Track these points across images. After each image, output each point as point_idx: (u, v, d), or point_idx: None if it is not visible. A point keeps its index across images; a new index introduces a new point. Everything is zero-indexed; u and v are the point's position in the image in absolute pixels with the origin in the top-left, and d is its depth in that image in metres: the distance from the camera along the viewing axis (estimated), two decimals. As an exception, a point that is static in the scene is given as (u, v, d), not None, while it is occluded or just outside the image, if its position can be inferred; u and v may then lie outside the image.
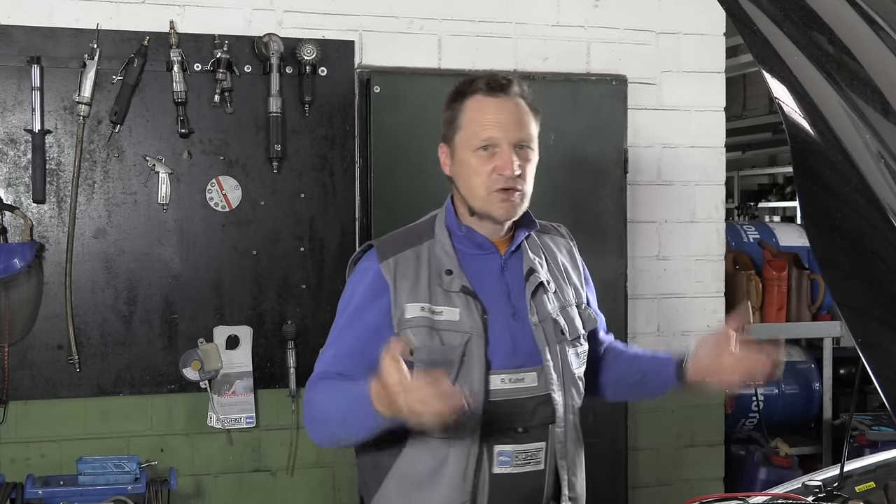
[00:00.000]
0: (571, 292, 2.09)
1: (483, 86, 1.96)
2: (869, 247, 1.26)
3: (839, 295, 1.38)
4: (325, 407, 1.93)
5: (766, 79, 1.29)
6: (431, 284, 1.95)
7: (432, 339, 1.92)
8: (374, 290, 1.95)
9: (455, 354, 1.91)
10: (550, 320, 1.99)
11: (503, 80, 1.96)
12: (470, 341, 1.92)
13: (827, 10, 1.29)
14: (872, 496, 1.92)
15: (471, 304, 1.94)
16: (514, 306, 1.98)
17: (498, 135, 1.93)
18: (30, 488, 3.09)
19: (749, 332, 2.00)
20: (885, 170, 1.20)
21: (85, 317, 3.31)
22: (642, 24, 3.86)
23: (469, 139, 1.95)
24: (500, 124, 1.93)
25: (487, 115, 1.94)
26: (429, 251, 1.99)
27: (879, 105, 1.24)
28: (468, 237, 2.00)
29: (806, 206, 1.33)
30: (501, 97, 1.95)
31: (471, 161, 1.95)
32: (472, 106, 1.96)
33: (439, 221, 2.04)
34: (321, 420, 1.95)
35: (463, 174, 1.97)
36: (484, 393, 1.91)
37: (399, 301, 1.93)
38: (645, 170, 3.86)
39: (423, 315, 1.92)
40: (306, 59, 3.39)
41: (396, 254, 1.98)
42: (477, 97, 1.96)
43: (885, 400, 1.26)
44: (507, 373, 1.94)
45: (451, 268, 1.96)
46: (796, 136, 1.27)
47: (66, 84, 3.26)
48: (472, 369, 1.91)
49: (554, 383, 1.96)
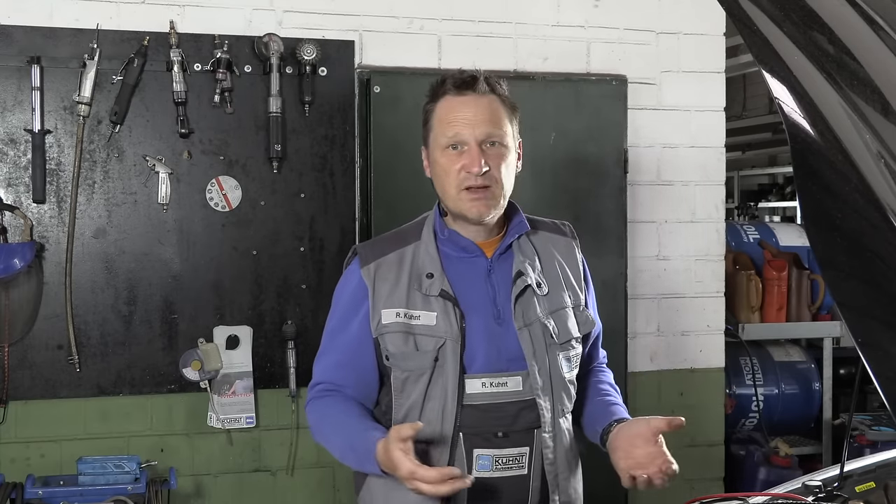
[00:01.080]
0: (568, 295, 2.06)
1: (451, 85, 1.96)
2: (869, 247, 1.26)
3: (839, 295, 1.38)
4: (328, 435, 2.02)
5: (766, 79, 1.29)
6: (410, 289, 1.96)
7: (407, 344, 1.93)
8: (355, 298, 2.00)
9: (427, 360, 1.92)
10: (539, 324, 1.97)
11: (469, 77, 1.96)
12: (444, 346, 1.92)
13: (827, 10, 1.29)
14: (872, 496, 1.92)
15: (448, 308, 1.93)
16: (498, 310, 1.97)
17: (464, 132, 1.92)
18: (30, 488, 3.09)
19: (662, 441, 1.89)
20: (885, 170, 1.20)
21: (85, 317, 3.31)
22: (642, 24, 3.86)
23: (438, 138, 1.96)
24: (467, 122, 1.92)
25: (453, 114, 1.94)
26: (413, 254, 1.99)
27: (879, 105, 1.24)
28: (451, 240, 2.00)
29: (806, 206, 1.33)
30: (469, 94, 1.94)
31: (440, 160, 1.96)
32: (442, 106, 1.97)
33: (427, 224, 2.04)
34: (321, 437, 2.05)
35: (436, 174, 1.98)
36: (458, 396, 1.91)
37: (377, 306, 1.96)
38: (645, 170, 3.86)
39: (399, 321, 1.94)
40: (306, 59, 3.39)
41: (378, 258, 2.00)
42: (447, 97, 1.96)
43: (885, 400, 1.26)
44: (487, 377, 1.94)
45: (432, 271, 1.96)
46: (796, 136, 1.26)
47: (66, 84, 3.26)
48: (447, 373, 1.92)
49: (539, 388, 1.95)
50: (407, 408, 1.97)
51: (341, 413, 1.99)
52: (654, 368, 3.89)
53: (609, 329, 3.84)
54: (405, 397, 1.97)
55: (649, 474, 1.83)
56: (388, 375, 2.00)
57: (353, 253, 2.07)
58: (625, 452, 1.91)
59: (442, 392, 1.92)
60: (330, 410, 2.01)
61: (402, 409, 1.98)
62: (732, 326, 4.36)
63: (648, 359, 3.89)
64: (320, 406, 2.03)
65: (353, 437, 1.94)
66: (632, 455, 1.89)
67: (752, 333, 4.51)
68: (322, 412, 2.02)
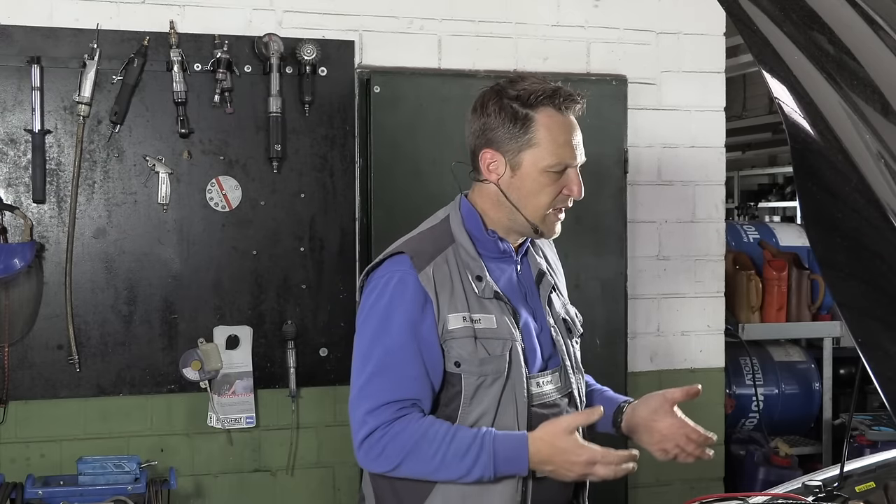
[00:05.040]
0: (564, 288, 2.13)
1: (561, 100, 1.90)
2: (869, 247, 1.26)
3: (839, 295, 1.38)
4: (423, 449, 1.81)
5: (766, 79, 1.29)
6: (466, 292, 1.89)
7: (477, 349, 1.86)
8: (417, 304, 1.86)
9: (503, 364, 1.88)
10: (562, 319, 2.02)
11: (578, 96, 1.93)
12: (512, 348, 1.89)
13: (827, 10, 1.29)
14: (872, 496, 1.92)
15: (504, 309, 1.91)
16: (532, 308, 1.99)
17: (572, 159, 1.92)
18: (30, 488, 3.09)
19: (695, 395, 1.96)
20: (885, 170, 1.20)
21: (85, 317, 3.31)
22: (642, 24, 3.86)
23: (544, 156, 1.89)
24: (578, 147, 1.93)
25: (567, 136, 1.91)
26: (455, 256, 1.92)
27: (879, 105, 1.24)
28: (494, 243, 1.96)
29: (806, 206, 1.33)
30: (569, 115, 1.93)
31: (540, 179, 1.90)
32: (555, 122, 1.90)
33: (456, 224, 1.96)
34: (403, 459, 1.83)
35: (525, 188, 1.91)
36: (527, 399, 1.89)
37: (442, 312, 1.86)
38: (645, 170, 3.86)
39: (466, 325, 1.86)
40: (306, 59, 3.39)
41: (430, 262, 1.89)
42: (549, 111, 1.89)
43: (885, 400, 1.26)
44: (541, 376, 1.95)
45: (480, 274, 1.91)
46: (796, 136, 1.26)
47: (66, 84, 3.26)
48: (517, 376, 1.89)
49: (573, 380, 1.98)
50: (478, 415, 1.88)
51: (440, 426, 1.83)
52: (654, 368, 3.89)
53: (609, 329, 3.86)
54: (476, 404, 1.87)
55: (689, 451, 1.88)
56: (451, 384, 1.89)
57: (391, 257, 1.92)
58: (646, 429, 1.94)
59: (514, 396, 1.88)
60: (424, 427, 1.82)
61: (470, 416, 1.88)
62: (732, 326, 4.36)
63: (648, 359, 3.89)
64: (410, 425, 1.82)
65: (478, 444, 1.80)
66: (655, 429, 1.92)
67: (752, 333, 4.51)
68: (416, 429, 1.82)
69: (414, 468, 1.83)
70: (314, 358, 3.49)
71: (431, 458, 1.81)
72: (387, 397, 1.84)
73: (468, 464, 1.80)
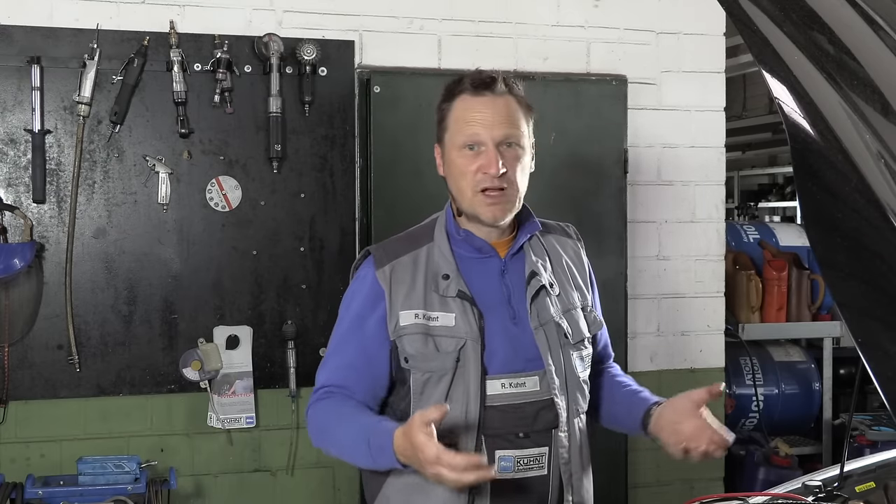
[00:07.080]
0: (577, 295, 2.06)
1: (468, 85, 1.95)
2: (869, 247, 1.26)
3: (839, 295, 1.38)
4: (334, 432, 1.94)
5: (766, 79, 1.29)
6: (427, 290, 1.94)
7: (427, 346, 1.91)
8: (370, 300, 1.96)
9: (449, 361, 1.90)
10: (553, 324, 1.97)
11: (488, 77, 1.95)
12: (465, 346, 1.91)
13: (827, 10, 1.29)
14: (872, 496, 1.92)
15: (467, 308, 1.92)
16: (514, 310, 1.96)
17: (482, 133, 1.91)
18: (30, 488, 3.09)
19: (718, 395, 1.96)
20: (885, 170, 1.20)
21: (85, 317, 3.31)
22: (642, 24, 3.86)
23: (454, 138, 1.95)
24: (485, 122, 1.92)
25: (471, 114, 1.93)
26: (427, 255, 1.98)
27: (879, 105, 1.24)
28: (466, 240, 1.99)
29: (806, 206, 1.33)
30: (487, 95, 1.94)
31: (456, 160, 1.94)
32: (459, 105, 1.96)
33: (439, 225, 2.02)
34: (323, 438, 1.98)
35: (451, 174, 1.97)
36: (480, 398, 1.90)
37: (394, 308, 1.93)
38: (645, 170, 3.86)
39: (418, 322, 1.92)
40: (306, 59, 3.39)
41: (393, 260, 1.97)
42: (463, 97, 1.95)
43: (885, 400, 1.26)
44: (507, 377, 1.93)
45: (448, 272, 1.95)
46: (796, 136, 1.27)
47: (66, 84, 3.26)
48: (469, 374, 1.90)
49: (556, 388, 1.95)
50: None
51: (351, 410, 1.94)
52: (654, 368, 3.89)
53: (609, 329, 3.85)
54: (425, 400, 1.92)
55: (706, 449, 1.88)
56: (403, 380, 1.96)
57: (365, 255, 2.03)
58: (672, 430, 1.93)
59: (464, 394, 1.90)
60: (338, 409, 1.95)
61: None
62: (732, 326, 4.37)
63: (648, 359, 3.89)
64: (326, 405, 1.96)
65: (366, 431, 1.88)
66: (679, 432, 1.92)
67: (752, 333, 4.51)
68: (327, 410, 1.95)
69: (334, 449, 1.97)
70: (314, 358, 3.48)
71: (340, 440, 1.94)
72: (322, 381, 1.99)
73: (362, 450, 1.87)
